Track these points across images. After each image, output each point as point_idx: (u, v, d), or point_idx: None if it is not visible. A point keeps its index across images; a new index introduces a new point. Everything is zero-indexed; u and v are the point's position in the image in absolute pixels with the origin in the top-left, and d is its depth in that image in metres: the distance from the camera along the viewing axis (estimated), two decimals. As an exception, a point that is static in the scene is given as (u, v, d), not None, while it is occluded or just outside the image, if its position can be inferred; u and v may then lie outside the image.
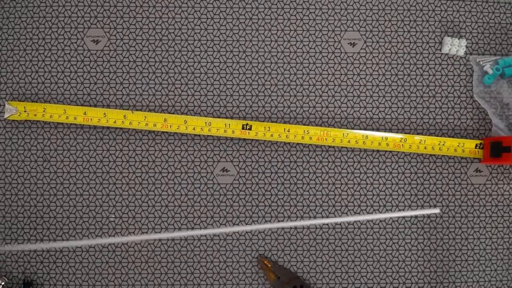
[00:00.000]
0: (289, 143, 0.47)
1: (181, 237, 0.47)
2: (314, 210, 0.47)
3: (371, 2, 0.48)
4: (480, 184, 0.48)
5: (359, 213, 0.47)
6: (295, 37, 0.48)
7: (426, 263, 0.47)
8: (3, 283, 0.45)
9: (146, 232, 0.47)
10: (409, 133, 0.48)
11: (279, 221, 0.47)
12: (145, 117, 0.46)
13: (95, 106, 0.47)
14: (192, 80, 0.48)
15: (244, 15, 0.48)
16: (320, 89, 0.48)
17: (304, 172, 0.47)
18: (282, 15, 0.48)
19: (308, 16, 0.48)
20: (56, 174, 0.47)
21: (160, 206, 0.47)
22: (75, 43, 0.47)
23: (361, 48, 0.48)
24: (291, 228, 0.47)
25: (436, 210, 0.33)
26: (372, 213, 0.47)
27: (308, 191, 0.47)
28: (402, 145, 0.46)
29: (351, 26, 0.48)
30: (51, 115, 0.45)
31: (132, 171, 0.47)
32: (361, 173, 0.48)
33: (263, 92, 0.48)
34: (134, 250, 0.47)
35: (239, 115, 0.48)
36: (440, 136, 0.48)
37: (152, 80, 0.47)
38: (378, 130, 0.48)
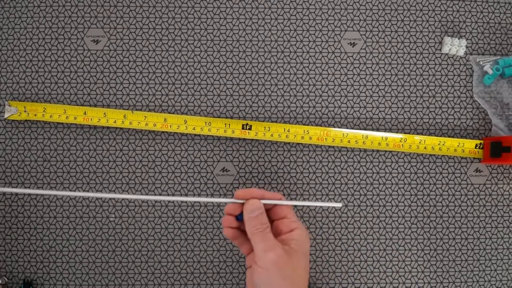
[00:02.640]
0: (289, 143, 0.47)
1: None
2: (314, 210, 0.47)
3: (371, 2, 0.48)
4: (480, 184, 0.48)
5: (358, 213, 0.47)
6: (295, 37, 0.48)
7: (426, 263, 0.47)
8: (3, 283, 0.45)
9: (147, 232, 0.47)
10: (409, 133, 0.48)
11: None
12: (145, 117, 0.46)
13: (95, 106, 0.47)
14: (192, 80, 0.48)
15: (244, 15, 0.48)
16: (320, 89, 0.48)
17: (304, 172, 0.47)
18: (282, 15, 0.48)
19: (308, 16, 0.48)
20: (56, 174, 0.47)
21: (160, 206, 0.47)
22: (75, 43, 0.47)
23: (361, 48, 0.48)
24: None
25: (339, 204, 0.36)
26: (371, 212, 0.47)
27: (308, 191, 0.47)
28: (402, 145, 0.46)
29: (351, 26, 0.48)
30: (51, 115, 0.45)
31: (132, 171, 0.47)
32: (361, 173, 0.48)
33: (263, 92, 0.48)
34: (134, 250, 0.47)
35: (239, 115, 0.48)
36: (440, 136, 0.48)
37: (152, 80, 0.47)
38: (378, 130, 0.48)
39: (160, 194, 0.47)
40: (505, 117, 0.48)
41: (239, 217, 0.37)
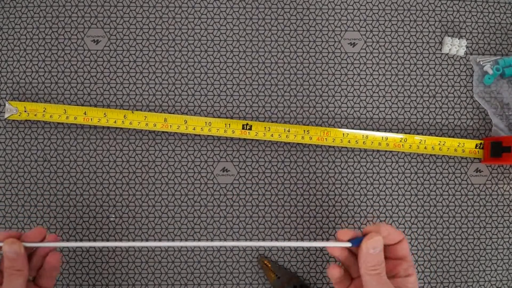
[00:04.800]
0: (289, 143, 0.47)
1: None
2: (314, 210, 0.47)
3: (371, 2, 0.48)
4: (480, 184, 0.48)
5: (359, 213, 0.47)
6: (295, 37, 0.48)
7: (426, 263, 0.47)
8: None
9: (147, 232, 0.47)
10: (409, 133, 0.48)
11: (279, 221, 0.47)
12: (145, 117, 0.46)
13: (95, 106, 0.47)
14: (192, 80, 0.48)
15: (244, 15, 0.48)
16: (320, 89, 0.48)
17: (304, 172, 0.47)
18: (282, 15, 0.48)
19: (308, 16, 0.48)
20: (56, 174, 0.47)
21: (160, 206, 0.47)
22: (75, 43, 0.47)
23: (361, 48, 0.48)
24: (291, 228, 0.47)
25: (348, 244, 0.33)
26: (371, 212, 0.47)
27: (308, 191, 0.47)
28: (402, 145, 0.46)
29: (351, 26, 0.48)
30: (51, 115, 0.45)
31: (132, 171, 0.47)
32: (361, 173, 0.48)
33: (263, 92, 0.48)
34: (134, 250, 0.47)
35: (239, 115, 0.48)
36: (440, 136, 0.48)
37: (152, 80, 0.47)
38: (378, 130, 0.48)
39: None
40: (505, 117, 0.48)
41: (354, 243, 0.32)
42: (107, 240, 0.47)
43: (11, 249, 0.33)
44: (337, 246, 0.33)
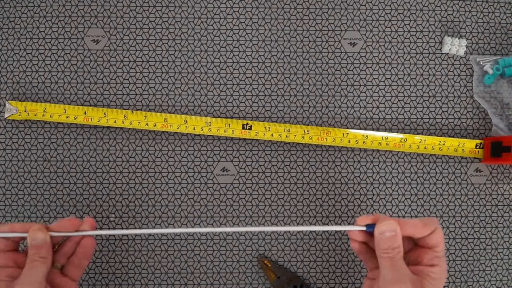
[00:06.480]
0: (289, 143, 0.47)
1: (187, 233, 0.47)
2: (314, 210, 0.47)
3: (371, 2, 0.48)
4: (480, 184, 0.48)
5: (359, 213, 0.47)
6: (295, 37, 0.48)
7: (426, 263, 0.47)
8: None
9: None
10: (409, 133, 0.48)
11: (279, 221, 0.47)
12: (145, 117, 0.46)
13: (95, 106, 0.47)
14: (192, 80, 0.48)
15: (244, 15, 0.48)
16: (320, 89, 0.48)
17: (304, 172, 0.47)
18: (282, 15, 0.48)
19: (308, 16, 0.48)
20: (56, 174, 0.47)
21: (160, 206, 0.47)
22: (75, 43, 0.47)
23: (361, 48, 0.48)
24: (291, 228, 0.47)
25: (363, 228, 0.34)
26: (372, 212, 0.47)
27: (308, 191, 0.47)
28: (402, 145, 0.46)
29: (351, 26, 0.48)
30: (51, 114, 0.45)
31: (132, 171, 0.47)
32: (361, 173, 0.48)
33: (263, 92, 0.48)
34: (134, 250, 0.47)
35: (239, 115, 0.48)
36: (440, 136, 0.48)
37: (152, 80, 0.47)
38: (378, 130, 0.48)
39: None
40: (505, 117, 0.48)
41: (369, 228, 0.34)
42: (107, 240, 0.47)
43: (36, 236, 0.33)
44: (353, 229, 0.34)
